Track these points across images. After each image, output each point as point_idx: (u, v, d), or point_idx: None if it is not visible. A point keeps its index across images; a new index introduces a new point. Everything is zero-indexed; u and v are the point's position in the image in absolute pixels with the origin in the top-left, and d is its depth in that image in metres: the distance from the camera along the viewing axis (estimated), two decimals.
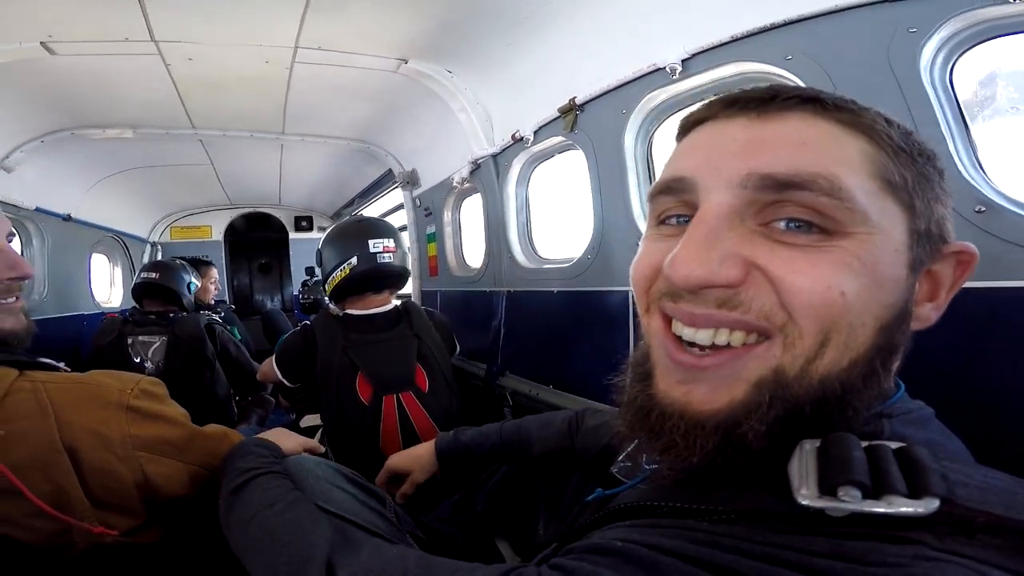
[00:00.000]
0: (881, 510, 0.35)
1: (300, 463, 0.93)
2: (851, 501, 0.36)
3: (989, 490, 0.36)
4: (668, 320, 0.48)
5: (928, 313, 0.48)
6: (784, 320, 0.42)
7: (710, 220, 0.44)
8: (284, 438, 1.12)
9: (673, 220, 0.49)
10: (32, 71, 1.84)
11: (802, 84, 1.03)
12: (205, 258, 4.12)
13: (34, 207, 2.73)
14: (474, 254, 2.66)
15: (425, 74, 2.03)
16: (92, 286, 3.62)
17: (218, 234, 5.25)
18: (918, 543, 0.35)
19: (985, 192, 0.82)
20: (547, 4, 1.49)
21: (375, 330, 1.79)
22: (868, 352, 0.43)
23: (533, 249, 2.16)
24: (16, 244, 2.83)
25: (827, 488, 0.37)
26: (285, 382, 1.84)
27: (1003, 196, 0.82)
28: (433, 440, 1.26)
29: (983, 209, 0.81)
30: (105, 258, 4.12)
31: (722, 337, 0.44)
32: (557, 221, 2.22)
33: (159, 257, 4.76)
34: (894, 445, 0.40)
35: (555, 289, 1.89)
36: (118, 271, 4.23)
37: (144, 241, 4.63)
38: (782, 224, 0.43)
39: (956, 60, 0.88)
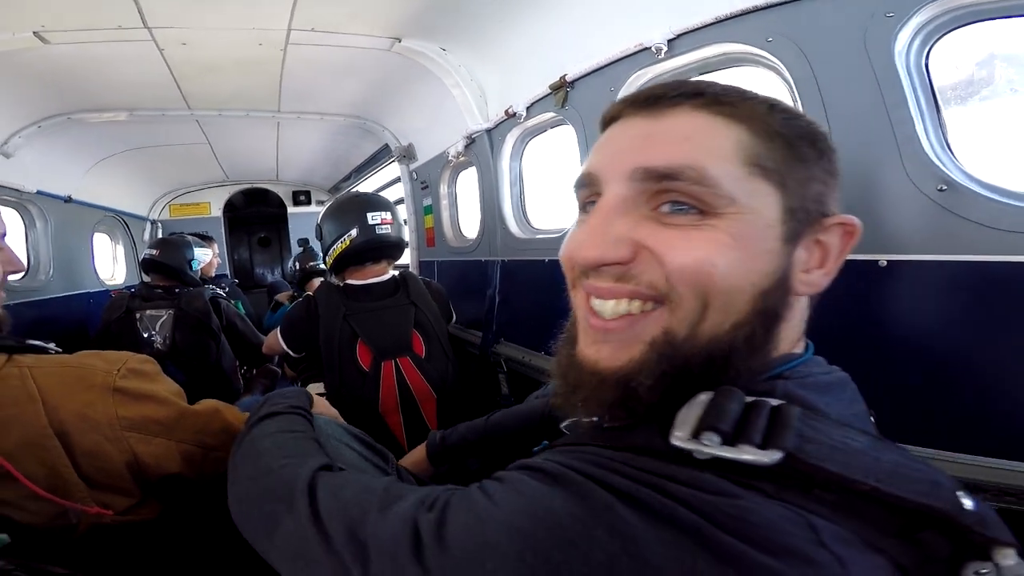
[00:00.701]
0: (729, 455, 0.41)
1: (316, 420, 0.97)
2: (710, 445, 0.42)
3: (840, 450, 0.42)
4: (588, 293, 0.54)
5: (818, 279, 0.53)
6: (668, 289, 0.49)
7: (605, 208, 0.52)
8: (320, 404, 1.11)
9: (590, 207, 0.56)
10: (26, 60, 1.85)
11: (783, 65, 1.06)
12: (205, 234, 4.16)
13: (35, 190, 2.76)
14: (470, 225, 2.71)
15: (419, 52, 2.04)
16: (96, 264, 3.68)
17: (217, 210, 5.26)
18: (757, 489, 0.41)
19: (948, 172, 0.86)
20: None
21: (374, 299, 1.87)
22: (749, 316, 0.49)
23: (526, 220, 2.20)
24: (20, 228, 2.88)
25: (698, 433, 0.43)
26: (290, 352, 1.93)
27: (966, 175, 0.86)
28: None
29: (944, 188, 0.86)
30: (107, 237, 4.17)
31: (622, 306, 0.51)
32: (553, 193, 2.26)
33: (159, 234, 4.79)
34: (775, 402, 0.45)
35: (546, 259, 1.95)
36: (120, 249, 4.28)
37: (144, 219, 4.65)
38: (667, 208, 0.50)
39: (933, 45, 0.91)
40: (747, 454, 0.41)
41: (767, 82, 1.12)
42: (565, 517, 0.42)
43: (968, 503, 0.41)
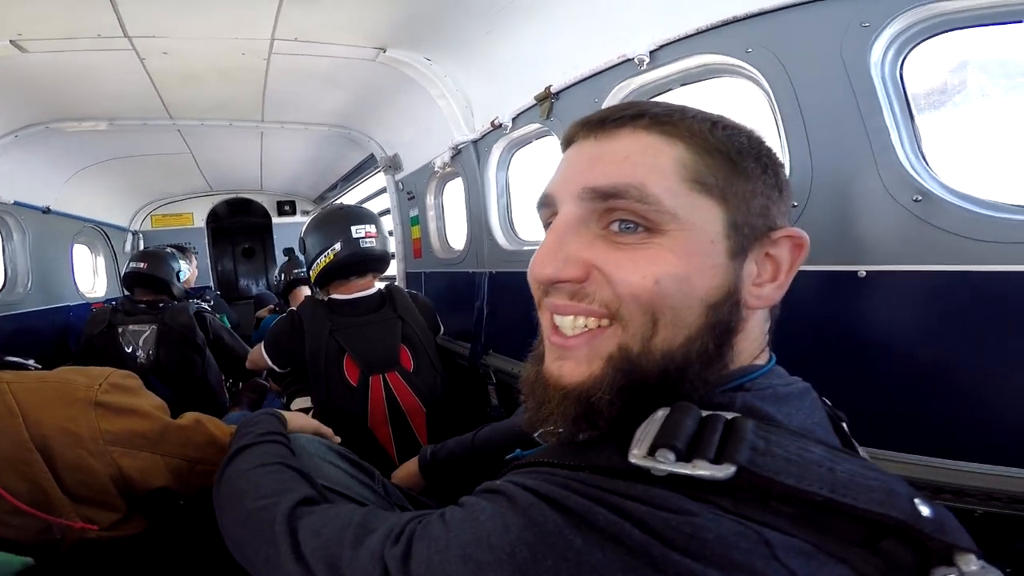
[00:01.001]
0: (684, 471, 0.42)
1: (294, 440, 0.97)
2: (664, 462, 0.43)
3: (794, 462, 0.42)
4: (550, 312, 0.56)
5: (770, 292, 0.54)
6: (619, 307, 0.51)
7: (558, 228, 0.54)
8: (298, 419, 1.12)
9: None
10: (3, 68, 1.82)
11: (761, 76, 1.08)
12: (186, 244, 4.11)
13: (12, 201, 2.71)
14: (457, 237, 2.70)
15: (404, 62, 2.04)
16: (76, 277, 3.61)
17: (200, 221, 5.20)
18: (714, 504, 0.41)
19: (923, 182, 0.88)
20: None
21: (360, 313, 1.85)
22: (700, 330, 0.51)
23: (513, 231, 2.20)
24: None
25: (654, 450, 0.44)
26: (275, 367, 1.90)
27: (940, 185, 0.88)
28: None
29: (920, 198, 0.87)
30: (87, 249, 4.10)
31: (580, 322, 0.53)
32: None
33: (141, 246, 4.72)
34: (730, 416, 0.46)
35: None
36: (101, 261, 4.21)
37: (125, 230, 4.59)
38: (616, 226, 0.52)
39: (907, 54, 0.93)
40: (701, 469, 0.42)
41: (747, 93, 1.14)
42: (518, 546, 0.43)
43: (926, 510, 0.41)
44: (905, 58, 0.93)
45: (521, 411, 1.26)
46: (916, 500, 0.42)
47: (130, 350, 2.53)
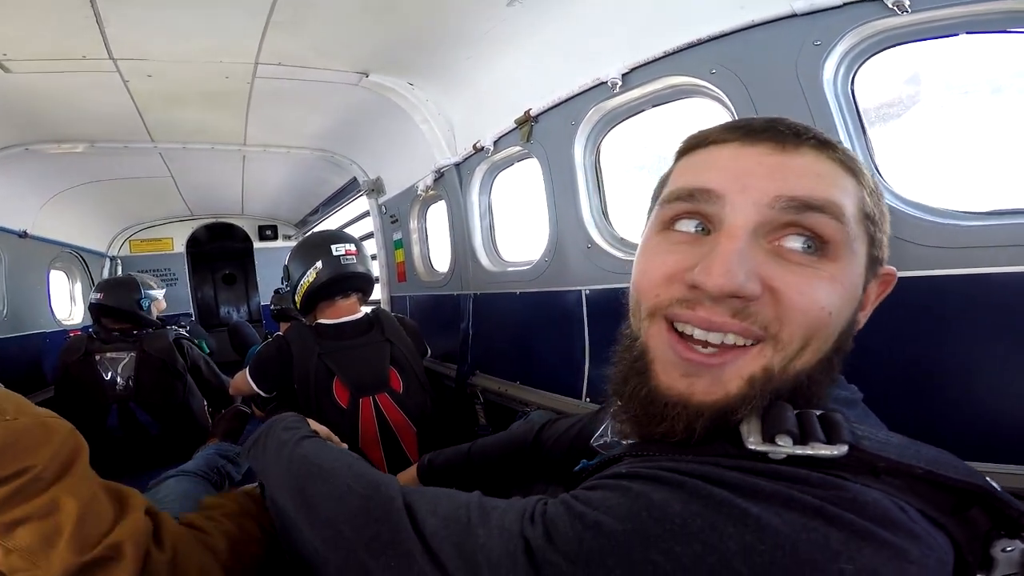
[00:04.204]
0: (807, 452, 0.45)
1: None
2: (784, 445, 0.46)
3: (887, 444, 0.47)
4: (669, 323, 0.54)
5: (861, 320, 0.57)
6: (778, 329, 0.50)
7: (741, 236, 0.50)
8: (312, 423, 1.10)
9: (686, 227, 0.55)
10: None
11: (725, 96, 1.14)
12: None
13: None
14: (441, 259, 2.72)
15: (386, 87, 2.09)
16: (52, 303, 3.55)
17: (180, 246, 5.16)
18: (839, 476, 0.44)
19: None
20: (503, 21, 1.58)
21: (348, 337, 1.86)
22: (832, 351, 0.53)
23: (497, 253, 2.24)
24: None
25: (768, 438, 0.47)
26: (261, 393, 1.89)
27: (893, 195, 0.93)
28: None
29: None
30: (64, 274, 4.03)
31: (729, 339, 0.51)
32: (524, 225, 2.31)
33: (119, 272, 4.66)
34: (818, 412, 0.49)
35: (517, 291, 1.98)
36: (78, 287, 4.14)
37: (103, 255, 4.53)
38: (797, 244, 0.51)
39: (857, 71, 0.99)
40: (820, 449, 0.45)
41: (712, 112, 1.20)
42: (688, 516, 0.43)
43: (996, 485, 0.46)
44: (855, 74, 0.99)
45: (515, 426, 1.30)
46: (987, 478, 0.46)
47: (108, 377, 2.49)
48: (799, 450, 0.45)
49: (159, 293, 2.91)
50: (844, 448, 0.44)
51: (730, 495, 0.43)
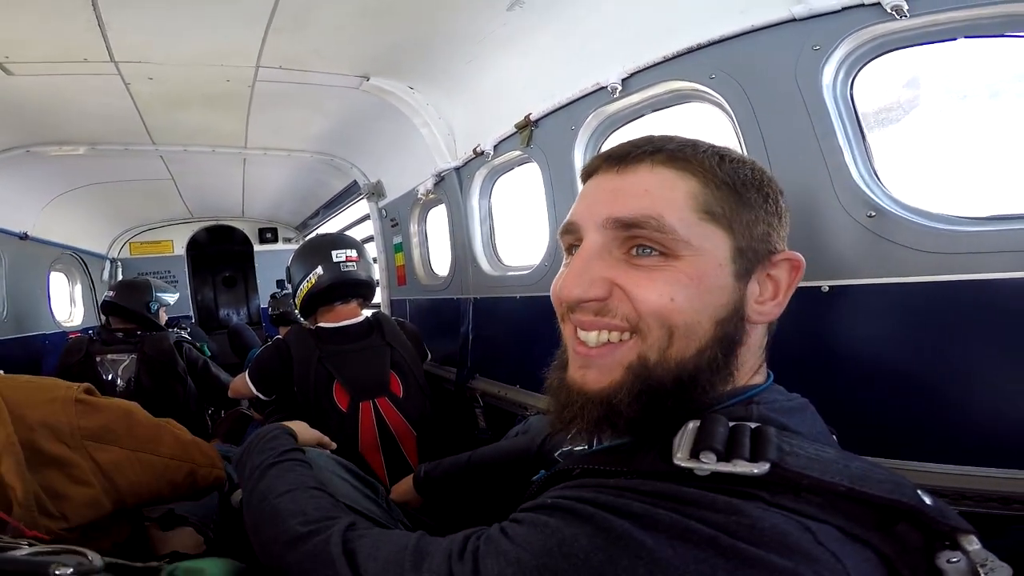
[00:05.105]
0: (727, 469, 0.48)
1: (308, 454, 1.00)
2: (708, 462, 0.49)
3: (816, 460, 0.48)
4: (574, 327, 0.62)
5: (771, 309, 0.61)
6: (638, 321, 0.57)
7: (584, 253, 0.60)
8: (303, 430, 1.17)
9: (575, 250, 0.64)
10: None
11: (725, 101, 1.14)
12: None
13: None
14: (441, 263, 2.73)
15: (387, 91, 2.09)
16: (52, 305, 3.55)
17: (180, 248, 5.16)
18: (757, 497, 0.47)
19: (876, 199, 0.93)
20: (503, 25, 1.58)
21: (348, 341, 1.86)
22: (710, 341, 0.57)
23: (497, 257, 2.24)
24: None
25: (695, 453, 0.50)
26: (260, 396, 1.89)
27: (892, 201, 0.93)
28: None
29: (873, 214, 0.92)
30: (64, 276, 4.04)
31: (603, 336, 0.59)
32: (526, 229, 2.31)
33: (120, 274, 4.67)
34: (753, 425, 0.52)
35: (517, 295, 1.97)
36: (78, 289, 4.14)
37: (103, 257, 4.53)
38: (635, 251, 0.59)
39: (856, 75, 0.99)
40: (741, 467, 0.48)
41: (713, 118, 1.20)
42: (591, 551, 0.47)
43: (928, 500, 0.47)
44: (854, 79, 0.99)
45: (512, 433, 1.30)
46: (919, 491, 0.48)
47: (109, 378, 2.51)
48: (722, 467, 0.48)
49: (172, 298, 2.94)
50: (766, 467, 0.47)
51: (631, 527, 0.47)
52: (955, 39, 0.88)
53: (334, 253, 1.87)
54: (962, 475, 0.86)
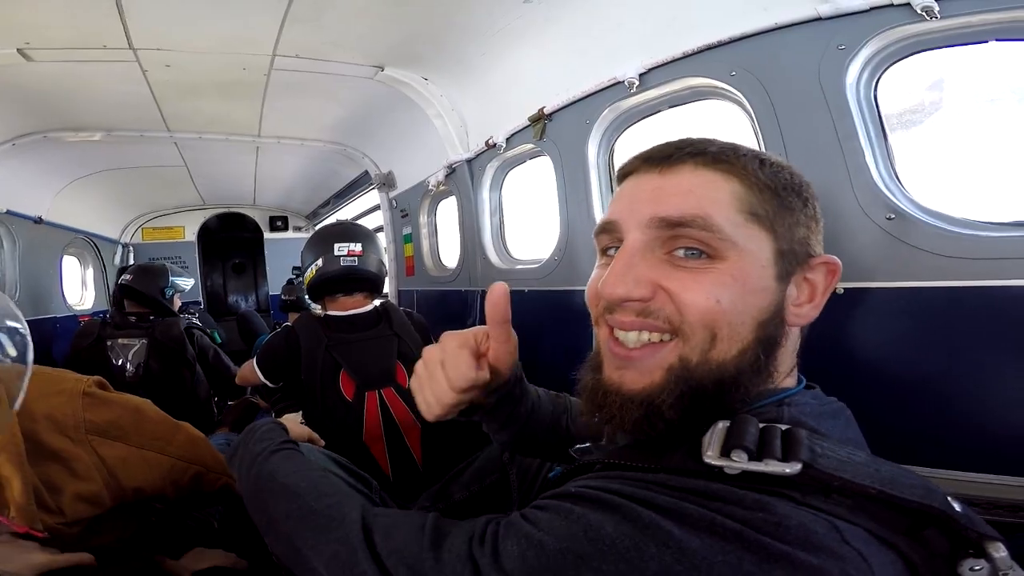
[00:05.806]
0: (759, 468, 0.48)
1: (300, 447, 0.99)
2: (739, 461, 0.48)
3: (847, 463, 0.48)
4: (611, 326, 0.62)
5: (808, 312, 0.61)
6: (681, 322, 0.57)
7: (627, 252, 0.59)
8: (294, 427, 1.16)
9: (611, 251, 0.64)
10: (7, 77, 1.85)
11: (744, 99, 1.13)
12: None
13: (5, 210, 2.71)
14: (450, 255, 2.73)
15: (401, 81, 2.09)
16: (64, 288, 3.59)
17: (191, 235, 5.19)
18: (787, 497, 0.47)
19: (897, 201, 0.92)
20: (519, 17, 1.57)
21: (356, 330, 1.86)
22: (751, 343, 0.57)
23: (506, 250, 2.24)
24: None
25: (726, 452, 0.50)
26: (267, 383, 1.90)
27: (912, 204, 0.92)
28: None
29: (893, 216, 0.91)
30: (76, 260, 4.07)
31: (644, 337, 0.59)
32: (535, 222, 2.30)
33: (131, 259, 4.70)
34: (784, 427, 0.52)
35: (526, 288, 1.98)
36: (90, 273, 4.18)
37: (116, 242, 4.57)
38: (680, 252, 0.58)
39: (880, 76, 0.98)
40: (773, 466, 0.47)
41: (731, 115, 1.19)
42: (617, 537, 0.47)
43: (957, 506, 0.47)
44: (879, 80, 0.98)
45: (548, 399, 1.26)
46: (948, 498, 0.48)
47: (119, 363, 2.52)
48: (753, 466, 0.48)
49: (187, 284, 2.96)
50: (798, 466, 0.47)
51: (658, 517, 0.47)
52: (986, 41, 0.87)
53: (336, 246, 1.85)
54: (972, 482, 0.85)
